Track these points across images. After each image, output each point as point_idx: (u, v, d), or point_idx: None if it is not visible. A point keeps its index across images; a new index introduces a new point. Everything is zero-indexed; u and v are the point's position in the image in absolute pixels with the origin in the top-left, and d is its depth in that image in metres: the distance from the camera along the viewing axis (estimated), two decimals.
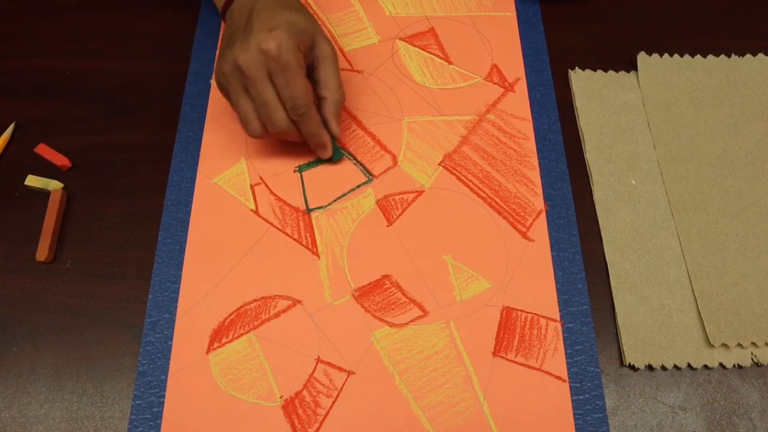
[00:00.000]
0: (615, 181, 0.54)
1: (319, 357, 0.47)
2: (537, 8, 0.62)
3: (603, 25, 0.62)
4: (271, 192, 0.53)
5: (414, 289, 0.49)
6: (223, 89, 0.49)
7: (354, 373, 0.46)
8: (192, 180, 0.53)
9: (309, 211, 0.52)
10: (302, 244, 0.51)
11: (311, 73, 0.50)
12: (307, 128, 0.49)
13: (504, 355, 0.47)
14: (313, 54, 0.50)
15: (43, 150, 0.54)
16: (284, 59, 0.45)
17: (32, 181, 0.53)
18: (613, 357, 0.47)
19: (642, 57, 0.59)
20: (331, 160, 0.53)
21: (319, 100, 0.51)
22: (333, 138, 0.52)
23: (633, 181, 0.54)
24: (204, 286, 0.49)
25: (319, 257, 0.50)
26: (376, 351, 0.47)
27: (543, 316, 0.48)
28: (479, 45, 0.60)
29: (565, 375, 0.46)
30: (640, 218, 0.52)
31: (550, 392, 0.45)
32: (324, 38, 0.50)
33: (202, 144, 0.55)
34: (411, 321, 0.48)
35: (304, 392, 0.45)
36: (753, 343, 0.47)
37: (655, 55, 0.59)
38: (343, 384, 0.46)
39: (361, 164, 0.54)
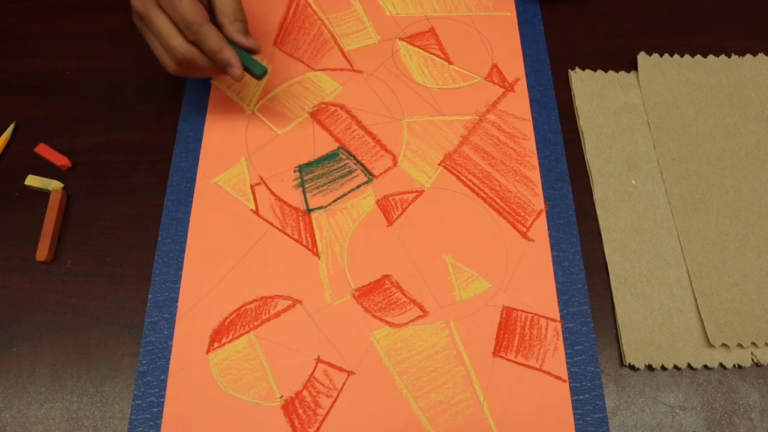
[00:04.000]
0: (615, 181, 0.54)
1: (319, 357, 0.47)
2: (537, 8, 0.62)
3: (603, 25, 0.62)
4: (271, 192, 0.53)
5: (414, 289, 0.49)
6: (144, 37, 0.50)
7: (354, 373, 0.46)
8: (192, 180, 0.53)
9: (309, 211, 0.52)
10: (302, 244, 0.51)
11: (211, 5, 0.49)
12: (208, 46, 0.47)
13: (504, 355, 0.47)
14: None
15: (43, 150, 0.54)
16: None
17: (32, 181, 0.53)
18: (613, 357, 0.47)
19: (642, 57, 0.59)
20: (256, 77, 0.50)
21: (221, 30, 0.49)
22: (250, 53, 0.49)
23: (633, 181, 0.54)
24: (204, 286, 0.49)
25: (319, 257, 0.50)
26: (376, 351, 0.47)
27: (543, 316, 0.48)
28: (479, 45, 0.60)
29: (565, 375, 0.46)
30: (640, 218, 0.52)
31: (550, 392, 0.45)
32: None
33: (202, 144, 0.55)
34: (411, 321, 0.48)
35: (304, 392, 0.45)
36: (753, 343, 0.47)
37: (655, 55, 0.59)
38: (343, 384, 0.46)
39: (361, 164, 0.54)
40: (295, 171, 0.54)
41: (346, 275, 0.49)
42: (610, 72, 0.59)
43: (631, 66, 0.59)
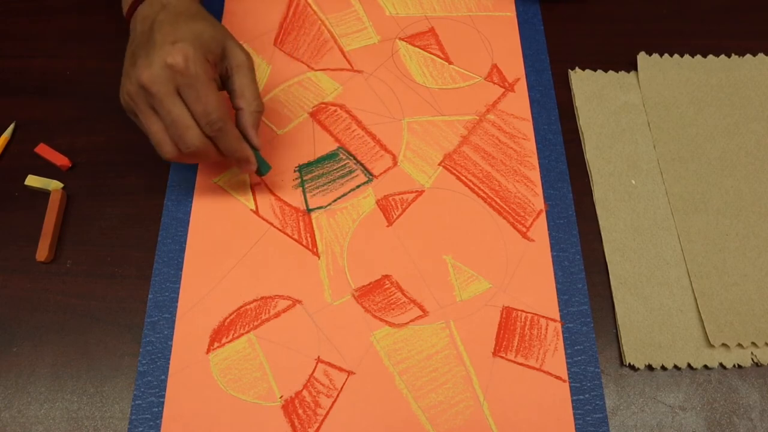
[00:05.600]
0: (615, 181, 0.54)
1: (319, 357, 0.47)
2: (537, 8, 0.62)
3: (603, 25, 0.62)
4: (271, 192, 0.53)
5: (414, 289, 0.49)
6: (130, 111, 0.45)
7: (354, 373, 0.46)
8: (192, 180, 0.53)
9: (309, 211, 0.52)
10: (302, 244, 0.51)
11: (225, 84, 0.47)
12: (226, 144, 0.45)
13: (504, 355, 0.47)
14: (224, 63, 0.46)
15: (43, 150, 0.54)
16: (192, 72, 0.42)
17: (32, 181, 0.53)
18: (613, 357, 0.47)
19: (642, 57, 0.59)
20: (259, 174, 0.49)
21: (236, 112, 0.47)
22: (256, 150, 0.48)
23: (633, 181, 0.54)
24: (204, 286, 0.49)
25: (319, 257, 0.50)
26: (376, 351, 0.47)
27: (543, 316, 0.48)
28: (479, 45, 0.60)
29: (565, 375, 0.46)
30: (640, 218, 0.52)
31: (550, 392, 0.45)
32: (236, 45, 0.46)
33: None
34: (411, 321, 0.48)
35: (304, 392, 0.45)
36: (753, 343, 0.47)
37: (655, 55, 0.59)
38: (343, 384, 0.46)
39: (361, 164, 0.54)
40: (295, 171, 0.54)
41: (346, 275, 0.49)
42: (610, 72, 0.59)
43: (631, 66, 0.59)
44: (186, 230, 0.51)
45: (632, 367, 0.47)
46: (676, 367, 0.47)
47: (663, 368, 0.47)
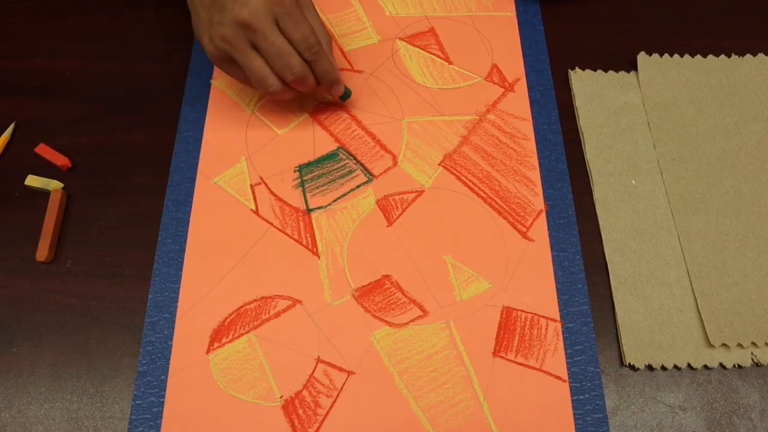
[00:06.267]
0: (615, 181, 0.54)
1: (319, 357, 0.47)
2: (537, 8, 0.62)
3: (603, 25, 0.62)
4: (271, 192, 0.53)
5: (414, 289, 0.49)
6: (224, 57, 0.48)
7: (354, 373, 0.46)
8: (192, 180, 0.53)
9: (309, 211, 0.52)
10: (302, 244, 0.51)
11: None
12: (322, 66, 0.49)
13: (504, 355, 0.47)
14: None
15: (43, 150, 0.54)
16: (288, 1, 0.45)
17: (32, 181, 0.53)
18: (613, 357, 0.47)
19: (642, 57, 0.59)
20: (344, 98, 0.55)
21: None
22: None
23: (633, 181, 0.54)
24: (204, 286, 0.49)
25: (319, 257, 0.50)
26: (376, 351, 0.47)
27: (543, 316, 0.48)
28: (479, 45, 0.60)
29: (565, 375, 0.46)
30: (640, 218, 0.52)
31: (550, 392, 0.45)
32: None
33: (202, 144, 0.55)
34: (411, 321, 0.48)
35: (304, 392, 0.45)
36: (753, 343, 0.47)
37: (655, 55, 0.59)
38: (343, 384, 0.46)
39: (361, 164, 0.54)
40: (295, 171, 0.54)
41: (346, 275, 0.49)
42: (610, 72, 0.59)
43: (631, 66, 0.59)
44: (186, 230, 0.51)
45: (632, 367, 0.47)
46: (676, 367, 0.47)
47: (663, 368, 0.47)
